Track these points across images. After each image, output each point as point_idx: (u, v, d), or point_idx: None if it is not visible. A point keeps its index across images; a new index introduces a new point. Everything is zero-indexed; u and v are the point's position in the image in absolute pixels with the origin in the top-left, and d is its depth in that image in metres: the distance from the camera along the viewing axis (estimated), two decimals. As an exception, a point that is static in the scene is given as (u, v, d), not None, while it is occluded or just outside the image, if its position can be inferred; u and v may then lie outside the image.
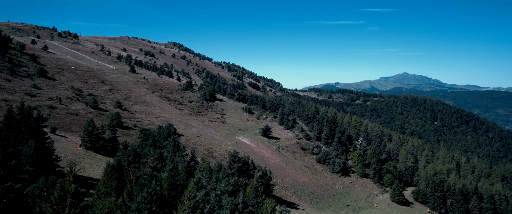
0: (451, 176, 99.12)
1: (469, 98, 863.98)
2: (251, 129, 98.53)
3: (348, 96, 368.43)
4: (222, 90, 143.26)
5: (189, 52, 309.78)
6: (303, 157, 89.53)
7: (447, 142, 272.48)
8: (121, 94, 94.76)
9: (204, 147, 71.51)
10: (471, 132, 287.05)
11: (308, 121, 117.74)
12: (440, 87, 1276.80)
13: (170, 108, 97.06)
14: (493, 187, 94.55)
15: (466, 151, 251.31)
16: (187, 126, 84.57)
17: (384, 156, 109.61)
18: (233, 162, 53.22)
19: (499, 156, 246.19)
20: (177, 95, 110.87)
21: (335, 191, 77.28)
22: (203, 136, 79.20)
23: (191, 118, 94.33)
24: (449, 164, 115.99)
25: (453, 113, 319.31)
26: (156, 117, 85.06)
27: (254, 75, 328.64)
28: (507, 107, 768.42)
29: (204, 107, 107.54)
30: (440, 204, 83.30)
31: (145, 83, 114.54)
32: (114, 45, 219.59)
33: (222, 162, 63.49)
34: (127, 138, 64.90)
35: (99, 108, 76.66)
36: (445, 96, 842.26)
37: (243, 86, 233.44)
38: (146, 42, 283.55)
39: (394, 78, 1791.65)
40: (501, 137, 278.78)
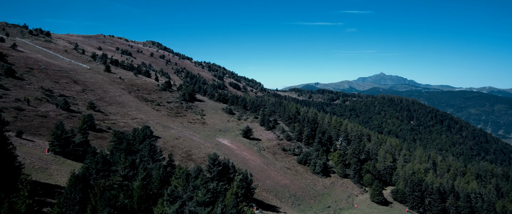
0: (429, 175, 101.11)
1: (443, 98, 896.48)
2: (231, 130, 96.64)
3: (327, 97, 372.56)
4: (202, 91, 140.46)
5: (168, 51, 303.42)
6: (284, 158, 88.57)
7: (423, 141, 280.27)
8: (94, 95, 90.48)
9: (182, 149, 69.02)
10: (445, 131, 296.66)
11: (289, 121, 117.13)
12: (415, 88, 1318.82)
13: (147, 109, 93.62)
14: (469, 186, 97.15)
15: (441, 149, 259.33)
16: (165, 128, 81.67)
17: (363, 155, 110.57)
18: (213, 165, 51.29)
19: (472, 154, 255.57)
20: (155, 96, 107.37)
21: (316, 192, 76.70)
22: (182, 138, 76.61)
23: (169, 119, 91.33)
24: (426, 163, 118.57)
25: (428, 112, 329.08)
26: (132, 119, 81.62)
27: (235, 75, 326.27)
28: (478, 106, 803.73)
29: (183, 107, 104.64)
30: (419, 203, 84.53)
31: (121, 83, 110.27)
32: (89, 44, 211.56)
33: (201, 166, 61.40)
34: (100, 142, 61.63)
35: (71, 110, 72.56)
36: (420, 96, 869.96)
37: (224, 87, 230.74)
38: (123, 40, 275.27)
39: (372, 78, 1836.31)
40: (474, 136, 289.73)
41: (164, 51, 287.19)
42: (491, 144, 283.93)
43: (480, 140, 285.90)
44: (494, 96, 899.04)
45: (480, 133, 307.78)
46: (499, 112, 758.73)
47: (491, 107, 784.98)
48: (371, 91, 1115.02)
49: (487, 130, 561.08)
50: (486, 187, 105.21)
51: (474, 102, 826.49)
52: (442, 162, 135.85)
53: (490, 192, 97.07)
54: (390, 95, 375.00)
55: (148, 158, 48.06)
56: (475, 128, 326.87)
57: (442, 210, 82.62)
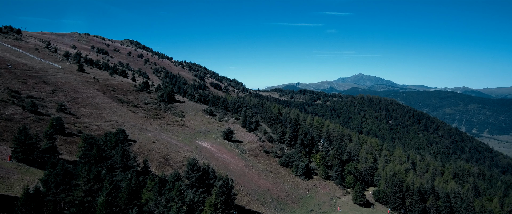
0: (409, 175, 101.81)
1: (419, 98, 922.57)
2: (212, 132, 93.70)
3: (309, 97, 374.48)
4: (182, 91, 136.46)
5: (147, 50, 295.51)
6: (267, 160, 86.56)
7: (401, 140, 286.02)
8: (66, 96, 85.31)
9: (160, 154, 65.60)
10: (422, 130, 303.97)
11: (271, 122, 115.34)
12: (392, 88, 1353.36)
13: (123, 111, 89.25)
14: (448, 186, 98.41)
15: (418, 148, 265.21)
16: (141, 131, 77.82)
17: (345, 156, 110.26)
18: (191, 171, 48.47)
19: (448, 153, 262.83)
20: (132, 97, 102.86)
21: (299, 195, 75.09)
22: (160, 141, 73.08)
23: (146, 121, 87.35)
24: (406, 163, 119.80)
25: (406, 112, 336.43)
26: (106, 121, 77.29)
27: (216, 75, 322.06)
28: (453, 106, 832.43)
29: (162, 109, 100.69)
30: (400, 204, 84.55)
31: (95, 83, 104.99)
32: (63, 42, 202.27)
33: (179, 171, 58.38)
34: (69, 147, 57.46)
35: (39, 112, 67.67)
36: (397, 96, 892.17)
37: (204, 87, 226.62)
38: (99, 39, 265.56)
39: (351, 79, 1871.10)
40: (450, 135, 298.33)
41: (143, 50, 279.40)
42: (466, 143, 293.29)
43: (455, 139, 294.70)
44: (468, 96, 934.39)
45: (456, 132, 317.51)
46: (472, 111, 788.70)
47: (465, 106, 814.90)
48: (350, 91, 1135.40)
49: (462, 129, 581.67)
50: (464, 186, 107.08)
51: (448, 102, 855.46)
52: (421, 161, 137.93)
53: (468, 191, 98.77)
54: (370, 95, 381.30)
55: (121, 165, 44.74)
56: (450, 127, 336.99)
57: (423, 211, 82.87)
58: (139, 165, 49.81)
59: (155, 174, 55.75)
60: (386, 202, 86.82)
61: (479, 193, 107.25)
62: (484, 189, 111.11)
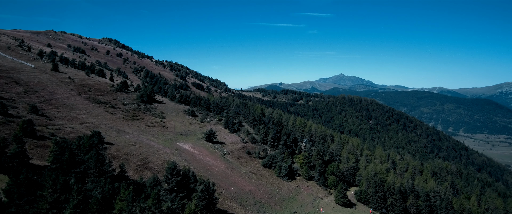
0: (390, 175, 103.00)
1: (398, 97, 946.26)
2: (194, 133, 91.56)
3: (291, 97, 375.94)
4: (162, 91, 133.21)
5: (126, 49, 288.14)
6: (249, 162, 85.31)
7: (381, 139, 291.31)
8: (38, 97, 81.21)
9: (138, 157, 63.08)
10: (401, 130, 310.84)
11: (254, 123, 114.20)
12: (372, 88, 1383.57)
13: (99, 112, 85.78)
14: (427, 185, 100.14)
15: (397, 147, 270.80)
16: (119, 133, 74.86)
17: (327, 157, 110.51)
18: (171, 175, 46.58)
19: (426, 152, 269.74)
20: (109, 97, 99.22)
21: (282, 197, 74.24)
22: (138, 143, 70.45)
23: (125, 123, 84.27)
24: (387, 163, 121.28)
25: (385, 112, 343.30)
26: (81, 123, 73.89)
27: (198, 75, 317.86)
28: (430, 105, 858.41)
29: (141, 110, 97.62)
30: (381, 204, 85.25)
31: (70, 83, 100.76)
32: (38, 41, 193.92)
33: (159, 175, 56.30)
34: (41, 151, 54.22)
35: (9, 114, 63.80)
36: (377, 96, 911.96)
37: (186, 87, 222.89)
38: (76, 37, 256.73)
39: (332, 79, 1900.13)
40: (428, 134, 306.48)
41: (122, 49, 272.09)
42: (443, 142, 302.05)
43: (433, 137, 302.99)
44: (444, 96, 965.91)
45: (433, 131, 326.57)
46: (448, 111, 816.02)
47: (441, 106, 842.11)
48: (332, 91, 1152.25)
49: (438, 128, 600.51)
50: (442, 184, 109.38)
51: (426, 102, 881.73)
52: (400, 160, 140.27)
53: (447, 190, 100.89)
54: (350, 95, 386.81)
55: (95, 171, 42.37)
56: (428, 126, 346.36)
57: (403, 210, 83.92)
58: (115, 170, 47.43)
59: (133, 179, 53.44)
60: (368, 202, 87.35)
61: (457, 191, 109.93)
62: (461, 187, 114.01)
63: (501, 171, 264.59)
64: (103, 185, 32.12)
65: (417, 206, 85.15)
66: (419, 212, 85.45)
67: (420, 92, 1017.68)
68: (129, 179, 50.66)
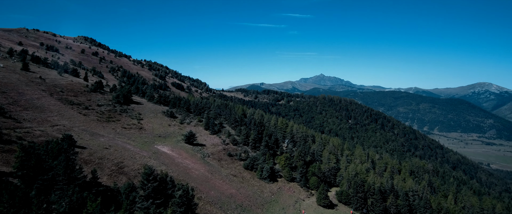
0: (370, 175, 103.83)
1: (375, 97, 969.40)
2: (173, 135, 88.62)
3: (272, 97, 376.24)
4: (140, 92, 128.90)
5: (103, 48, 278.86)
6: (231, 164, 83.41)
7: (360, 139, 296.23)
8: (6, 98, 75.99)
9: (113, 161, 59.83)
10: (379, 129, 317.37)
11: (235, 124, 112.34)
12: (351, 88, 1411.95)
13: (72, 114, 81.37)
14: (406, 184, 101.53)
15: (376, 146, 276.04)
16: (93, 136, 71.09)
17: (309, 157, 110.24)
18: (147, 181, 44.09)
19: (403, 150, 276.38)
20: (83, 98, 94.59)
21: (263, 199, 72.83)
22: (113, 147, 67.01)
23: (99, 125, 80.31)
24: (367, 162, 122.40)
25: (364, 111, 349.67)
26: (52, 126, 69.61)
27: (178, 75, 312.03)
28: (406, 105, 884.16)
29: (117, 111, 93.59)
30: (362, 204, 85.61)
31: (41, 84, 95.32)
32: (8, 39, 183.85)
33: (134, 181, 53.59)
34: (7, 156, 50.20)
35: (-30, 117, 59.19)
36: (355, 96, 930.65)
37: (166, 87, 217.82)
38: (49, 35, 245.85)
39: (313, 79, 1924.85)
40: (405, 133, 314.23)
41: (98, 48, 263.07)
42: (419, 141, 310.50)
43: (410, 136, 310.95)
44: (419, 96, 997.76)
45: (410, 130, 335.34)
46: (423, 110, 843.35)
47: (417, 106, 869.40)
48: (312, 91, 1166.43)
49: (414, 127, 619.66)
50: (420, 183, 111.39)
51: (402, 102, 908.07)
52: (379, 160, 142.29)
53: (425, 188, 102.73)
54: (330, 96, 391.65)
55: (64, 178, 39.32)
56: (405, 125, 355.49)
57: (383, 210, 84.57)
58: (87, 176, 44.45)
59: (107, 185, 50.47)
60: (349, 202, 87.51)
61: (434, 189, 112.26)
62: (438, 186, 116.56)
63: (474, 169, 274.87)
64: (71, 194, 29.50)
65: (396, 205, 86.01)
66: (399, 211, 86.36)
67: (397, 93, 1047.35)
68: (102, 186, 47.74)
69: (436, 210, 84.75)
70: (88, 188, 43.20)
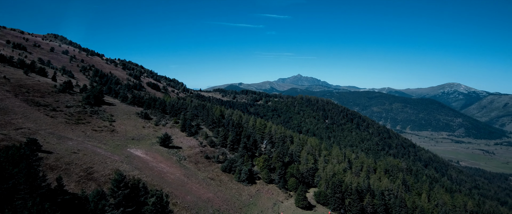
0: (347, 175, 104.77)
1: (351, 97, 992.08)
2: (147, 137, 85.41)
3: (251, 97, 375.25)
4: (113, 92, 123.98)
5: (74, 46, 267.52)
6: (208, 167, 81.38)
7: (337, 138, 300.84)
8: (-39, 99, 70.50)
9: (81, 167, 56.41)
10: (355, 129, 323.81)
11: (213, 125, 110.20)
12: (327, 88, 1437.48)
13: (38, 116, 76.55)
14: (382, 183, 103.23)
15: (352, 145, 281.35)
16: (60, 139, 67.01)
17: (287, 158, 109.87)
18: (118, 188, 41.55)
19: (378, 149, 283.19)
20: (51, 99, 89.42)
21: (241, 203, 71.42)
22: (82, 151, 63.36)
23: (67, 127, 75.98)
24: (344, 162, 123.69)
25: (340, 111, 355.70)
26: (15, 129, 64.97)
27: (154, 74, 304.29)
28: (380, 105, 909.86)
29: (88, 113, 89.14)
30: (340, 204, 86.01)
31: (5, 84, 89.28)
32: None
33: (104, 187, 50.72)
34: (-42, 163, 46.03)
35: None
36: (332, 96, 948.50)
37: (140, 87, 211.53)
38: (17, 32, 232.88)
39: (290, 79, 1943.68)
40: (379, 132, 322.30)
41: (69, 46, 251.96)
42: (393, 139, 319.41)
43: (384, 135, 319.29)
44: (392, 96, 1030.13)
45: (384, 129, 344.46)
46: (396, 110, 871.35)
47: (390, 105, 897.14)
48: (290, 91, 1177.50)
49: (388, 126, 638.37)
50: (395, 182, 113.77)
51: (376, 101, 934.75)
52: (356, 160, 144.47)
53: (399, 187, 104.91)
54: (308, 96, 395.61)
55: (26, 186, 36.22)
56: (379, 125, 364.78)
57: (361, 210, 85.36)
58: (51, 185, 41.31)
59: (74, 192, 47.38)
60: (327, 203, 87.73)
61: (408, 188, 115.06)
62: (412, 184, 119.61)
63: (445, 167, 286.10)
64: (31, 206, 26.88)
65: (373, 205, 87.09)
66: (375, 211, 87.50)
67: (371, 93, 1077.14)
68: (68, 194, 44.67)
69: (411, 209, 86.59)
70: (52, 197, 40.19)
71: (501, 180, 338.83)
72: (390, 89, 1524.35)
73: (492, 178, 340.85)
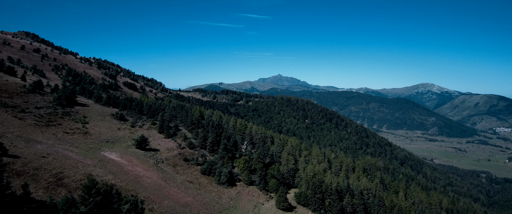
0: (327, 175, 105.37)
1: (329, 97, 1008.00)
2: (122, 140, 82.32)
3: (231, 97, 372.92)
4: (87, 92, 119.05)
5: (46, 44, 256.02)
6: (187, 169, 79.39)
7: (316, 138, 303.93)
8: None
9: (51, 172, 53.26)
10: (334, 128, 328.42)
11: (192, 127, 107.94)
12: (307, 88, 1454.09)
13: (5, 118, 72.07)
14: (361, 182, 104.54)
15: (331, 145, 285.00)
16: (29, 143, 63.21)
17: (268, 159, 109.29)
18: (89, 195, 39.29)
19: (356, 148, 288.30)
20: (19, 100, 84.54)
21: (221, 206, 70.03)
22: (52, 155, 59.96)
23: (37, 130, 71.94)
24: (323, 162, 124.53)
25: (319, 111, 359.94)
26: (-23, 132, 60.78)
27: (131, 74, 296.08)
28: (357, 104, 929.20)
29: (59, 114, 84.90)
30: (320, 205, 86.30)
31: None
32: None
33: (75, 194, 48.04)
34: None
35: None
36: (311, 96, 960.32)
37: (117, 87, 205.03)
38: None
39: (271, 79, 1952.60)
40: (357, 131, 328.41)
41: (41, 44, 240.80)
42: (370, 138, 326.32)
43: (361, 135, 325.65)
44: (369, 96, 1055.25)
45: (361, 128, 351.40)
46: (373, 109, 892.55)
47: (367, 105, 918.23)
48: (270, 91, 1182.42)
49: (365, 125, 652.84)
50: (373, 181, 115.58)
51: (354, 101, 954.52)
52: (335, 159, 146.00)
53: (377, 186, 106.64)
54: (288, 96, 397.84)
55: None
56: (357, 124, 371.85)
57: (340, 210, 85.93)
58: (16, 192, 38.49)
59: (42, 200, 44.52)
60: (307, 203, 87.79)
61: (386, 186, 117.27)
62: (389, 182, 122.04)
63: (420, 164, 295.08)
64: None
65: (352, 204, 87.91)
66: (355, 210, 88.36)
67: (349, 93, 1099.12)
68: (35, 201, 41.80)
69: (389, 208, 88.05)
70: (17, 205, 37.50)
71: (473, 176, 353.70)
72: (367, 89, 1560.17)
73: (465, 175, 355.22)
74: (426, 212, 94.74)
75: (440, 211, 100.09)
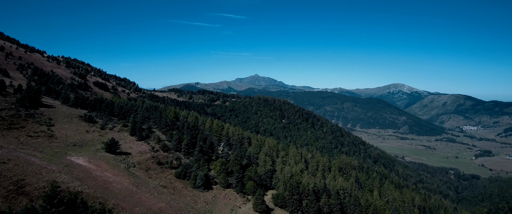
0: (304, 176, 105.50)
1: (306, 97, 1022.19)
2: (91, 143, 78.19)
3: (208, 97, 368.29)
4: (53, 93, 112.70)
5: (11, 42, 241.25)
6: (160, 173, 76.52)
7: (293, 138, 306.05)
8: None
9: (11, 179, 49.19)
10: (310, 128, 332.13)
11: (166, 128, 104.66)
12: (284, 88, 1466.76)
13: (-42, 121, 66.43)
14: (337, 182, 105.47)
15: (307, 144, 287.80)
16: (-15, 148, 58.42)
17: (245, 161, 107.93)
18: (51, 205, 36.37)
19: (331, 147, 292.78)
20: (-25, 102, 78.42)
21: (196, 211, 67.90)
22: (14, 160, 55.56)
23: (-4, 134, 66.77)
24: (301, 163, 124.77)
25: (296, 111, 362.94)
26: None
27: (103, 73, 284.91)
28: (332, 104, 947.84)
29: (22, 116, 79.45)
30: (297, 206, 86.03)
31: None
32: None
33: (37, 203, 44.55)
34: None
35: None
36: (288, 96, 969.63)
37: (87, 87, 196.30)
38: None
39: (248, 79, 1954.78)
40: (332, 131, 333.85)
41: (5, 42, 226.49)
42: (345, 138, 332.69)
43: (337, 134, 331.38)
44: (343, 95, 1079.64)
45: (336, 128, 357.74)
46: (347, 109, 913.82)
47: (342, 105, 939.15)
48: (247, 91, 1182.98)
49: (339, 124, 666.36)
50: (348, 180, 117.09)
51: (329, 101, 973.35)
52: (311, 159, 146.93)
53: (353, 185, 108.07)
54: (265, 96, 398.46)
55: None
56: (332, 123, 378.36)
57: (317, 210, 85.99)
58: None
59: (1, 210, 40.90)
60: (285, 205, 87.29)
61: (361, 185, 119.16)
62: (364, 181, 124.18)
63: (392, 162, 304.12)
64: None
65: (329, 205, 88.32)
66: (331, 210, 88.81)
67: (324, 93, 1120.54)
68: (-10, 214, 38.30)
69: (364, 207, 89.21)
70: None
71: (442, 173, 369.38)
72: (342, 90, 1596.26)
73: (434, 172, 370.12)
74: (400, 210, 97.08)
75: (413, 209, 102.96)
